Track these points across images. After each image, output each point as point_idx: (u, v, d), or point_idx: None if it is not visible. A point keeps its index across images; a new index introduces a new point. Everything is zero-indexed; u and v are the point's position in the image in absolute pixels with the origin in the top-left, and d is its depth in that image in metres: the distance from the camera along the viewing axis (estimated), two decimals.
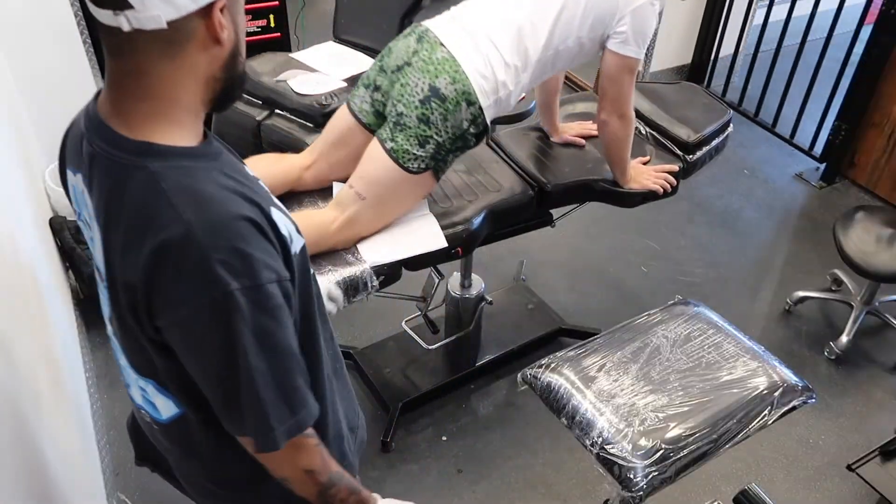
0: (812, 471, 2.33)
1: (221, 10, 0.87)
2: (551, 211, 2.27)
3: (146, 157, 0.89)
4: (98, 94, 0.95)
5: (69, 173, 1.00)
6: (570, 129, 2.26)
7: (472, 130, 1.76)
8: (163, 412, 1.04)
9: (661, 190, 2.13)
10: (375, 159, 1.77)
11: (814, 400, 1.64)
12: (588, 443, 1.51)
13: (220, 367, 0.91)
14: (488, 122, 1.78)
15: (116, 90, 0.90)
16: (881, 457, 2.03)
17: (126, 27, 0.83)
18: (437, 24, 1.78)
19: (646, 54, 3.97)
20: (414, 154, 1.73)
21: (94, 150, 0.91)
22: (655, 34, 3.90)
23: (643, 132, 2.30)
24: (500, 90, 1.75)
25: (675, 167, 2.17)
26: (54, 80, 2.84)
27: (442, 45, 1.72)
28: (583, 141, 2.24)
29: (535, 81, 1.88)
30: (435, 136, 1.72)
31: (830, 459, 2.35)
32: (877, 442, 2.07)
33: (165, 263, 0.86)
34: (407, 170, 1.75)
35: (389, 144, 1.74)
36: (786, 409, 1.59)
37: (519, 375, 1.71)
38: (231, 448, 1.03)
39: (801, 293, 2.87)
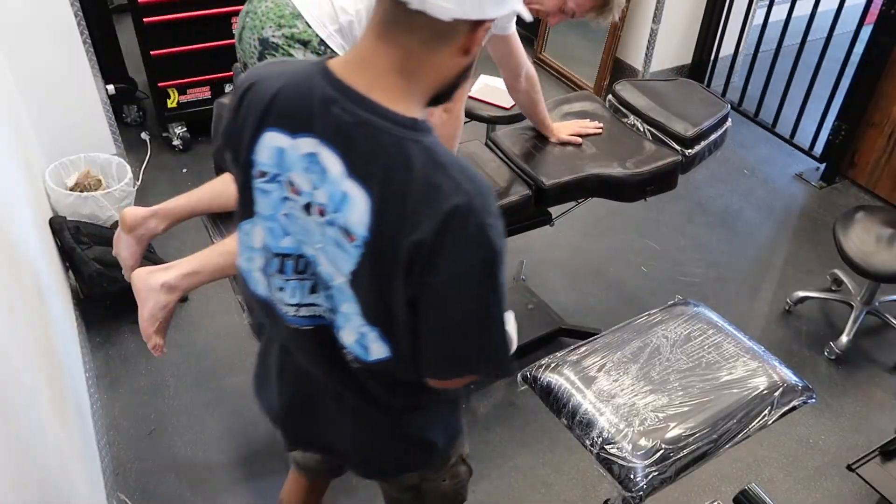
0: (812, 471, 2.33)
1: (486, 30, 0.98)
2: (551, 210, 2.27)
3: (417, 132, 0.99)
4: (326, 63, 1.02)
5: (277, 134, 1.04)
6: (567, 129, 2.26)
7: None
8: (373, 355, 1.12)
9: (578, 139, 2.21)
10: None
11: (814, 400, 1.64)
12: (588, 443, 1.51)
13: (477, 315, 1.04)
14: (340, 54, 1.73)
15: (377, 65, 0.99)
16: (881, 457, 2.03)
17: (414, 5, 0.91)
18: None
19: (646, 54, 3.99)
20: None
21: (357, 119, 0.98)
22: (655, 35, 3.91)
23: (641, 128, 2.30)
24: (339, 16, 1.69)
25: (596, 127, 2.26)
26: (54, 80, 2.84)
27: None
28: (579, 140, 2.24)
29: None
30: None
31: (830, 459, 2.35)
32: (877, 442, 2.07)
33: (453, 227, 0.96)
34: None
35: None
36: (786, 409, 1.59)
37: (519, 375, 1.71)
38: (416, 388, 1.18)
39: (801, 293, 2.87)
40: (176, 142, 3.46)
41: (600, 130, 2.28)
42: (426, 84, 1.01)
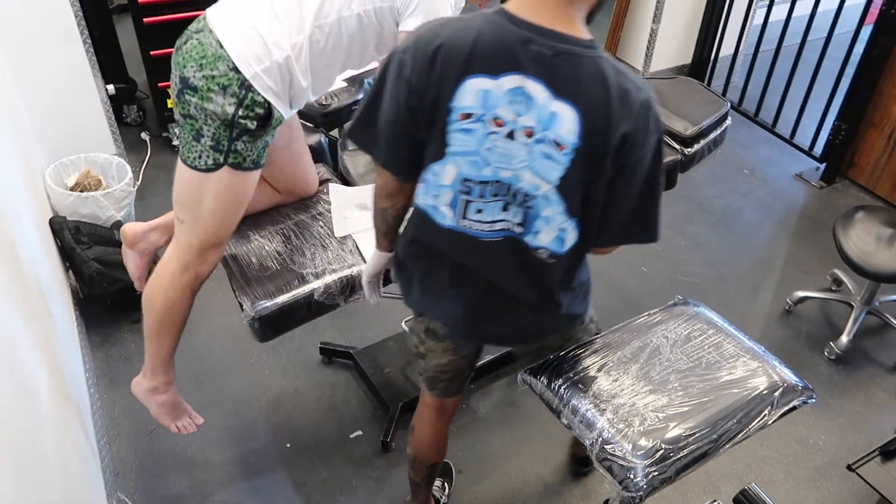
0: (812, 471, 2.33)
1: None
2: None
3: (596, 49, 1.24)
4: (506, 10, 1.23)
5: (480, 79, 1.25)
6: None
7: (241, 114, 1.61)
8: (566, 245, 1.40)
9: None
10: (177, 174, 1.73)
11: (814, 400, 1.64)
12: (588, 443, 1.51)
13: (651, 185, 1.35)
14: (266, 97, 1.62)
15: (548, 2, 1.22)
16: (881, 457, 2.03)
17: None
18: (218, 11, 1.67)
19: (646, 54, 4.00)
20: (196, 151, 1.65)
21: (554, 50, 1.22)
22: (655, 35, 3.91)
23: None
24: (273, 52, 1.60)
25: None
26: (54, 80, 2.84)
27: (199, 30, 1.63)
28: None
29: (324, 55, 1.69)
30: (204, 128, 1.62)
31: (830, 459, 2.35)
32: (877, 442, 2.07)
33: (642, 118, 1.26)
34: (197, 169, 1.66)
35: (180, 150, 1.70)
36: (786, 409, 1.59)
37: (519, 375, 1.71)
38: (575, 275, 1.51)
39: (801, 293, 2.87)
40: (176, 142, 3.47)
41: None
42: (586, 7, 1.25)
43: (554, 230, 1.37)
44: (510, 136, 1.28)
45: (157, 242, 2.06)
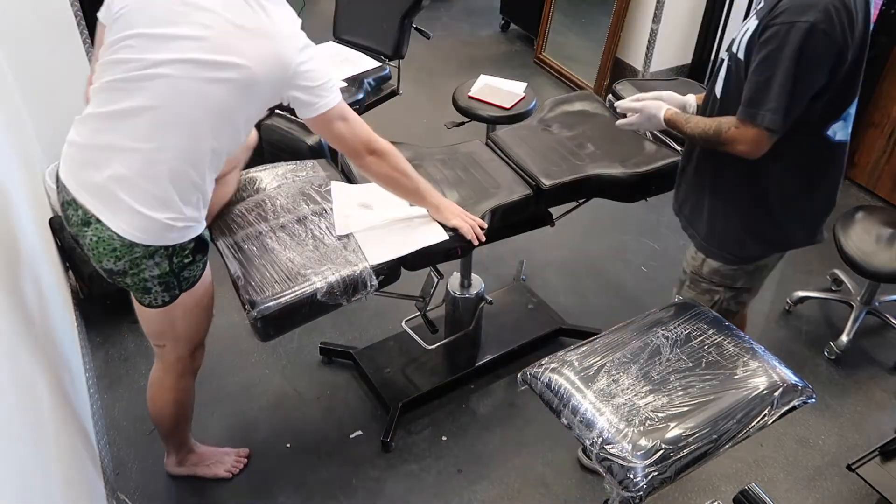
0: (812, 471, 2.33)
1: None
2: (551, 210, 2.27)
3: None
4: None
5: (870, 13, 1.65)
6: (457, 215, 1.94)
7: (176, 261, 1.65)
8: None
9: (470, 231, 1.88)
10: (138, 313, 1.79)
11: (814, 400, 1.64)
12: (588, 443, 1.51)
13: None
14: (191, 237, 1.65)
15: None
16: (881, 457, 2.03)
17: None
18: (79, 189, 1.62)
19: (646, 54, 4.00)
20: (150, 297, 1.70)
21: None
22: (655, 35, 3.91)
23: None
24: (175, 223, 1.59)
25: (484, 224, 1.93)
26: (54, 80, 2.84)
27: (87, 223, 1.58)
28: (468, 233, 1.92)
29: (228, 154, 1.68)
30: (148, 283, 1.66)
31: (830, 459, 2.35)
32: (877, 442, 2.07)
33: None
34: (159, 307, 1.72)
35: (133, 294, 1.74)
36: (786, 409, 1.59)
37: (519, 375, 1.71)
38: None
39: (801, 293, 2.87)
40: None
41: (482, 237, 1.93)
42: None
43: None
44: None
45: None
